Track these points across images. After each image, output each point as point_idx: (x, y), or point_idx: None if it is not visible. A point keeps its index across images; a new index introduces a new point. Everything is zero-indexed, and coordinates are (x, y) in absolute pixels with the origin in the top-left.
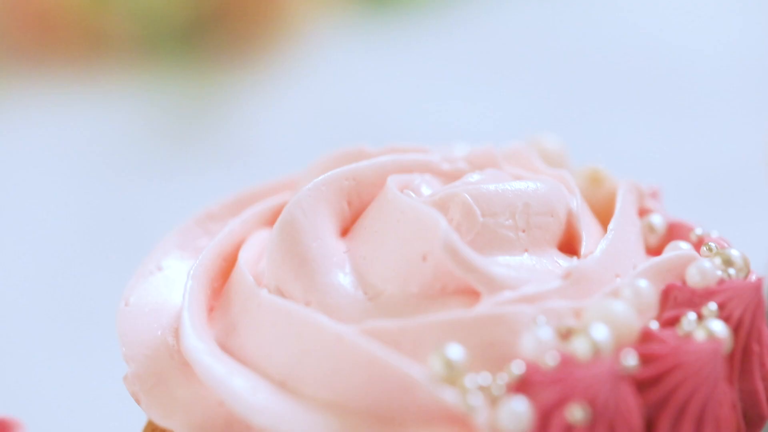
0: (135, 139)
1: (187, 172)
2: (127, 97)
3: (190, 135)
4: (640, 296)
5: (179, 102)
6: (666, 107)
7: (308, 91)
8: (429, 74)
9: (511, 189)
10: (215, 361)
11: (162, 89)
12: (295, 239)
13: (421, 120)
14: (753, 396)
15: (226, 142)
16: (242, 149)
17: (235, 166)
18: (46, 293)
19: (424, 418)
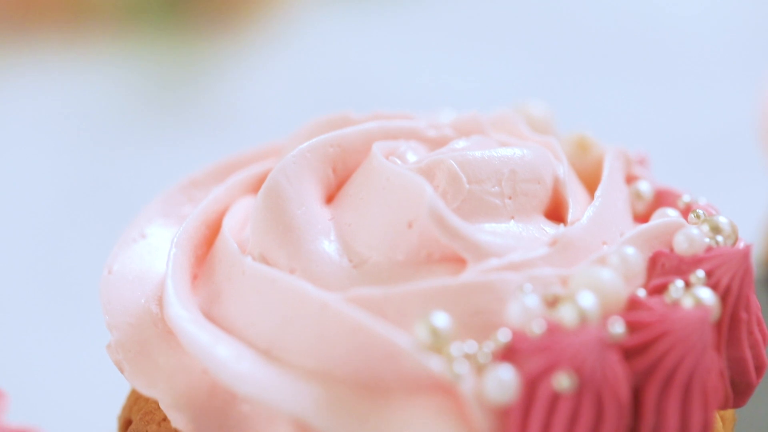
0: (119, 107)
1: (171, 139)
2: (111, 64)
3: (175, 103)
4: (628, 264)
5: (164, 70)
6: (654, 73)
7: (293, 58)
8: (414, 41)
9: (498, 156)
10: (199, 330)
11: (146, 57)
12: (280, 207)
13: (407, 86)
14: (741, 364)
15: (210, 110)
16: (227, 117)
17: (220, 133)
18: (29, 262)
19: (410, 387)
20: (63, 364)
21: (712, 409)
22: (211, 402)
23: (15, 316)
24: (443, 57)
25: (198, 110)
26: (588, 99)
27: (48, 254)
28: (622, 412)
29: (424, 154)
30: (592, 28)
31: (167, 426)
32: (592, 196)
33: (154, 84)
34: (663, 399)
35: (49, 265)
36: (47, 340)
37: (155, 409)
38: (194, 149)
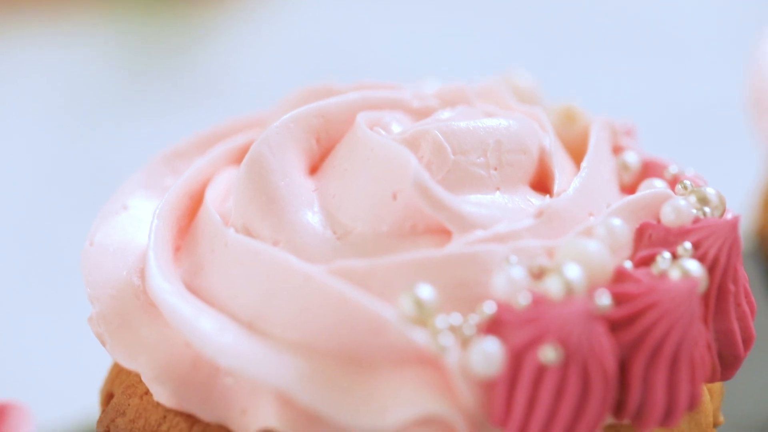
0: (103, 78)
1: (155, 110)
2: (95, 36)
3: (159, 73)
4: (614, 235)
5: (148, 41)
6: (642, 43)
7: (277, 28)
8: (400, 10)
9: (483, 126)
10: (181, 302)
11: (131, 28)
12: (263, 177)
13: (392, 56)
14: (729, 336)
15: (194, 81)
16: (210, 88)
17: (204, 104)
18: (12, 235)
19: (394, 359)
20: (44, 337)
21: (700, 381)
22: (193, 375)
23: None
24: (429, 27)
25: (181, 81)
26: (575, 69)
27: (30, 228)
28: (609, 384)
29: (408, 125)
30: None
31: (149, 399)
32: (579, 167)
33: (138, 55)
34: (650, 371)
35: (31, 238)
36: (28, 313)
37: (137, 383)
38: (178, 120)
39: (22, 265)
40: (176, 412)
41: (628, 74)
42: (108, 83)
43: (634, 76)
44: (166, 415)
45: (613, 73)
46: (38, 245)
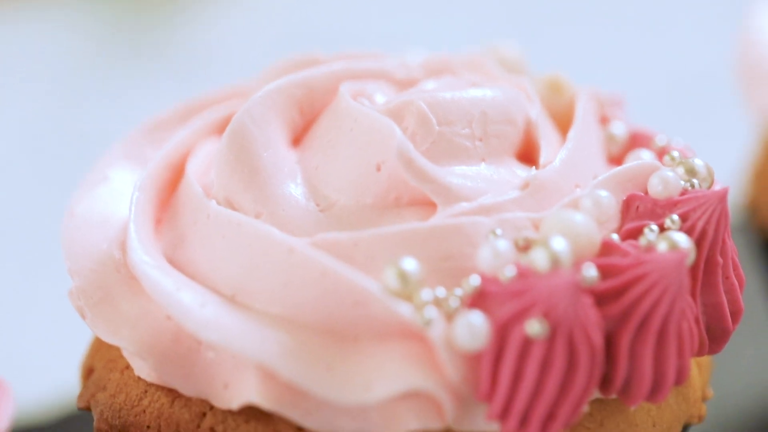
0: (84, 51)
1: (136, 82)
2: (76, 7)
3: (140, 45)
4: (601, 207)
5: (130, 12)
6: (630, 12)
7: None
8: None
9: (468, 97)
10: (162, 275)
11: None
12: (245, 149)
13: (376, 26)
14: (717, 309)
15: (176, 52)
16: (193, 58)
17: (186, 75)
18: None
19: (378, 333)
20: (23, 311)
21: (688, 355)
22: (175, 349)
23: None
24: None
25: (163, 53)
26: (561, 39)
27: (10, 200)
28: (595, 358)
29: (392, 96)
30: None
31: (130, 374)
32: (565, 138)
33: (118, 27)
34: (637, 345)
35: (10, 211)
36: (6, 286)
37: (118, 357)
38: (159, 92)
39: (2, 236)
40: (157, 386)
41: (616, 44)
42: (88, 55)
43: (621, 46)
44: (147, 389)
45: (600, 43)
46: (18, 218)
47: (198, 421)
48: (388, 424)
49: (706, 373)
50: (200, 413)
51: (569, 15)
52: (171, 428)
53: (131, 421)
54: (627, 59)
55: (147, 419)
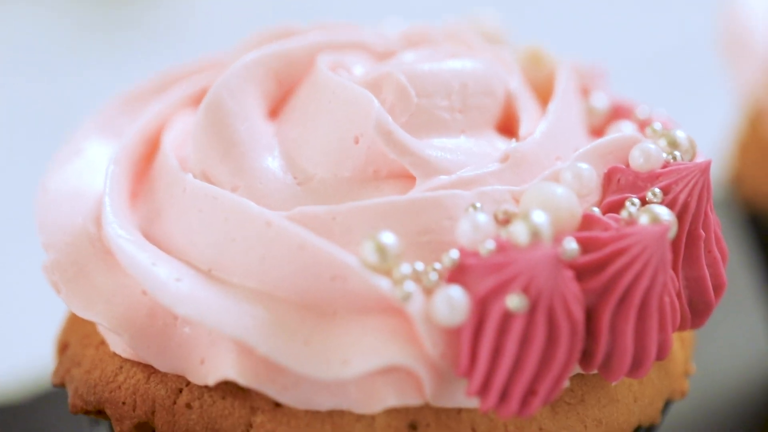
0: (59, 24)
1: (111, 54)
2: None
3: (116, 18)
4: (582, 180)
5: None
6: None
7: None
8: None
9: (448, 68)
10: (138, 249)
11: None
12: (222, 121)
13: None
14: (699, 283)
15: (152, 23)
16: (169, 29)
17: (162, 46)
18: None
19: (356, 307)
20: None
21: (669, 329)
22: (151, 324)
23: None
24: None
25: (138, 25)
26: (543, 10)
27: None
28: (576, 332)
29: (371, 67)
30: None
31: (105, 349)
32: (546, 111)
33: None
34: (618, 319)
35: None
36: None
37: (93, 332)
38: (135, 64)
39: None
40: (133, 362)
41: (598, 14)
42: (63, 28)
43: (604, 16)
44: (122, 365)
45: (582, 13)
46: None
47: (174, 397)
48: (367, 400)
49: (688, 348)
50: (176, 389)
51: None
52: (147, 404)
53: (106, 398)
54: (609, 30)
55: (122, 395)
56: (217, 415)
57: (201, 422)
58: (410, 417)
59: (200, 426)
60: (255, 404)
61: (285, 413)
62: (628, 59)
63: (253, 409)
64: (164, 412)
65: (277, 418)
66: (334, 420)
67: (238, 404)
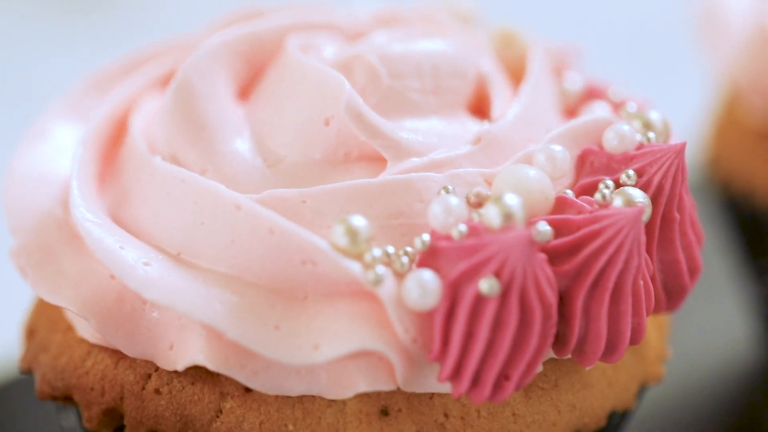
0: (25, 4)
1: (79, 37)
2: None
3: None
4: (555, 162)
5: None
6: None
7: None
8: None
9: (420, 50)
10: (105, 233)
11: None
12: (191, 103)
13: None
14: (674, 266)
15: (119, 4)
16: (136, 11)
17: (129, 27)
18: None
19: (327, 291)
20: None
21: (644, 313)
22: (119, 309)
23: None
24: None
25: (106, 5)
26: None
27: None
28: (549, 316)
29: (342, 48)
30: None
31: (73, 335)
32: (518, 92)
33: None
34: (592, 303)
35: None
36: None
37: (61, 318)
38: (103, 46)
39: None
40: (101, 347)
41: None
42: (29, 8)
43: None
44: (90, 350)
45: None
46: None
47: (143, 383)
48: (338, 385)
49: (663, 333)
50: (145, 374)
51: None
52: (115, 390)
53: (74, 383)
54: (584, 9)
55: (90, 381)
56: (187, 400)
57: (170, 408)
58: (382, 402)
59: (169, 412)
60: (225, 390)
61: (255, 399)
62: (603, 39)
63: (223, 395)
64: (133, 397)
65: (247, 403)
66: (305, 405)
67: (207, 390)
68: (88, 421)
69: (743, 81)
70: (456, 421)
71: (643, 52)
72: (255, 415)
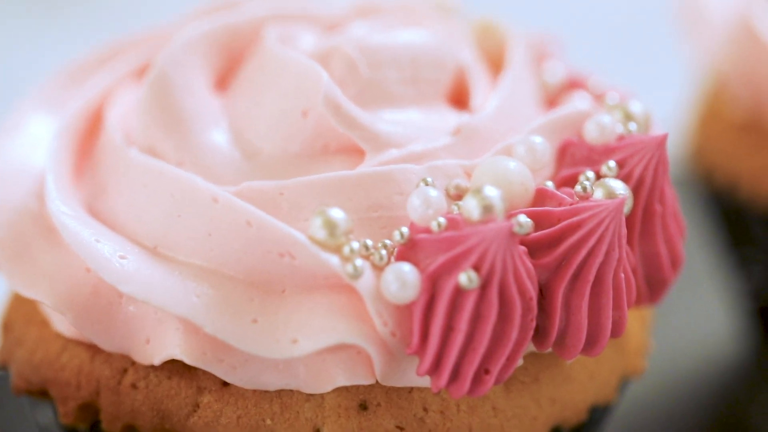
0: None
1: (54, 27)
2: None
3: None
4: (535, 153)
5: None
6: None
7: None
8: None
9: (399, 41)
10: (81, 226)
11: None
12: (168, 95)
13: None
14: (655, 259)
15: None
16: (112, 3)
17: (105, 18)
18: None
19: (305, 285)
20: None
21: (625, 306)
22: (95, 302)
23: None
24: None
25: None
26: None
27: None
28: (529, 309)
29: (320, 39)
30: None
31: (49, 329)
32: (498, 83)
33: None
34: (572, 296)
35: None
36: None
37: (36, 312)
38: (78, 36)
39: None
40: (77, 341)
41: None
42: None
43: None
44: (66, 345)
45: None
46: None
47: (119, 377)
48: (316, 379)
49: (646, 326)
50: (121, 369)
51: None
52: (91, 385)
53: (50, 378)
54: (566, 1)
55: (66, 375)
56: (164, 395)
57: (147, 403)
58: (360, 396)
59: (146, 406)
60: (202, 384)
61: (232, 393)
62: (585, 30)
63: (200, 389)
64: (109, 392)
65: (224, 398)
66: (283, 400)
67: (184, 384)
68: (65, 416)
69: (728, 71)
70: (435, 415)
71: (626, 42)
72: (232, 409)
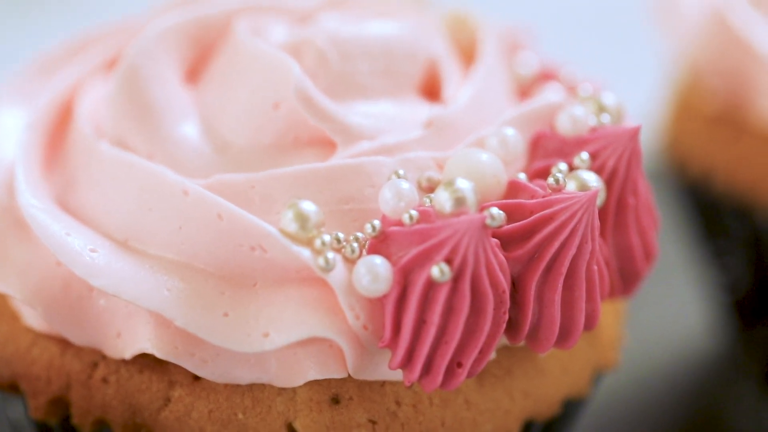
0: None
1: (22, 18)
2: None
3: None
4: (507, 146)
5: None
6: None
7: None
8: None
9: (370, 32)
10: (51, 219)
11: None
12: (138, 87)
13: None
14: (628, 251)
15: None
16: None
17: (74, 9)
18: None
19: (276, 278)
20: None
21: (598, 298)
22: (65, 296)
23: None
24: None
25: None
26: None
27: None
28: (502, 302)
29: (291, 31)
30: None
31: (19, 323)
32: (470, 75)
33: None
34: (545, 288)
35: None
36: None
37: (6, 306)
38: (47, 28)
39: None
40: (47, 335)
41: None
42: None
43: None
44: (36, 339)
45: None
46: None
47: (90, 371)
48: (288, 373)
49: (619, 318)
50: (92, 363)
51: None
52: (62, 379)
53: (21, 372)
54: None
55: (37, 370)
56: (135, 389)
57: (118, 397)
58: (332, 390)
59: (117, 401)
60: (173, 378)
61: (204, 387)
62: (558, 21)
63: (172, 383)
64: (80, 386)
65: (195, 392)
66: (255, 394)
67: (155, 378)
68: (35, 410)
69: (702, 63)
70: (408, 409)
71: (599, 34)
72: (204, 403)
